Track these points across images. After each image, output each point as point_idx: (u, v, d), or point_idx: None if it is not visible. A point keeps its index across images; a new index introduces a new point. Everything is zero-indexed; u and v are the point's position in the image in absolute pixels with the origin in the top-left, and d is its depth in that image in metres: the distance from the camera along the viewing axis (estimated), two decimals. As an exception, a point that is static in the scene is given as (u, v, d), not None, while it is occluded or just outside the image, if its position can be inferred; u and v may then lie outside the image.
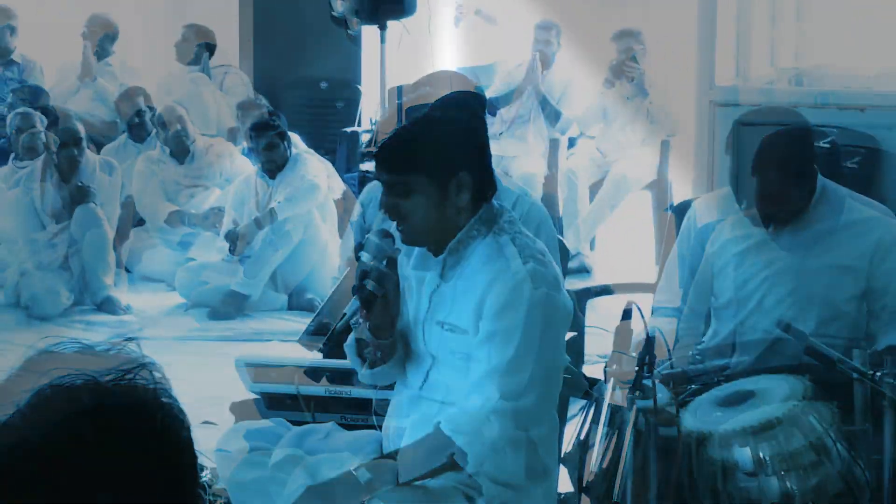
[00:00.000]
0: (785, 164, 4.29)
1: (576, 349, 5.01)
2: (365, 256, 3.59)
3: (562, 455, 4.19)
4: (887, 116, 7.26)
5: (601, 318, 5.68)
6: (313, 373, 4.53)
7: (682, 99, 9.09)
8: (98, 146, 9.35)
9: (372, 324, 3.63)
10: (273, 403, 4.55)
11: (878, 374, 3.87)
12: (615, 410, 4.15)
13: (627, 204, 9.63)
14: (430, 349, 3.62)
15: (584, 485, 4.13)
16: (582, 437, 4.07)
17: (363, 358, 3.73)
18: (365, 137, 9.47)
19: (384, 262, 3.62)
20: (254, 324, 7.91)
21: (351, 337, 3.76)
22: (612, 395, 3.88)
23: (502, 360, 3.42)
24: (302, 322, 7.03)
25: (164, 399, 1.49)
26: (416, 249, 3.66)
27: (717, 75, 7.60)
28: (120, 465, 1.44)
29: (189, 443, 1.51)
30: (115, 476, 1.44)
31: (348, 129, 9.93)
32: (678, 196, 8.77)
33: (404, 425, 3.64)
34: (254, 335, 7.53)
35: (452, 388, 3.54)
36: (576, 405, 4.54)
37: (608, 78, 9.70)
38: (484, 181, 3.59)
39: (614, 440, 4.04)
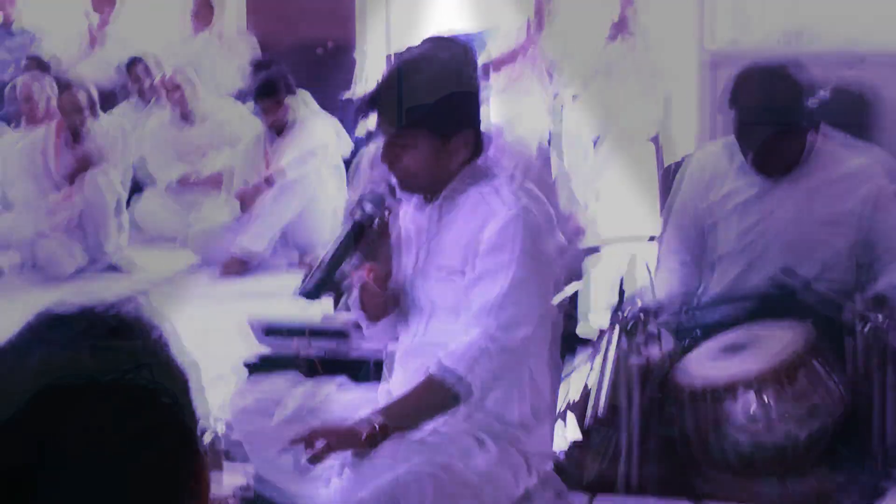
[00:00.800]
0: (768, 106, 4.33)
1: (580, 300, 5.11)
2: (367, 206, 3.60)
3: (570, 403, 4.30)
4: (883, 71, 7.32)
5: (607, 270, 5.75)
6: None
7: (683, 55, 9.17)
8: (107, 110, 9.43)
9: (371, 262, 3.66)
10: (270, 333, 4.63)
11: (881, 317, 3.96)
12: (600, 334, 4.24)
13: (631, 157, 9.70)
14: (429, 296, 3.66)
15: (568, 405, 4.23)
16: (589, 384, 4.16)
17: (367, 312, 3.80)
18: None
19: (386, 212, 3.63)
20: (265, 282, 7.99)
21: (355, 291, 3.80)
22: (619, 342, 3.97)
23: (496, 295, 3.46)
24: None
25: (163, 399, 1.47)
26: (413, 199, 3.71)
27: (717, 34, 7.67)
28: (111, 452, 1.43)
29: (178, 444, 1.49)
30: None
31: (343, 96, 9.99)
32: (681, 149, 8.84)
33: (410, 373, 3.68)
34: (265, 293, 7.60)
35: (452, 332, 3.56)
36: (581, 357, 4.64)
37: (610, 33, 9.76)
38: (481, 136, 3.65)
39: (596, 361, 4.12)
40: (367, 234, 3.61)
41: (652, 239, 5.39)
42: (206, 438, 1.59)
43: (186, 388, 1.50)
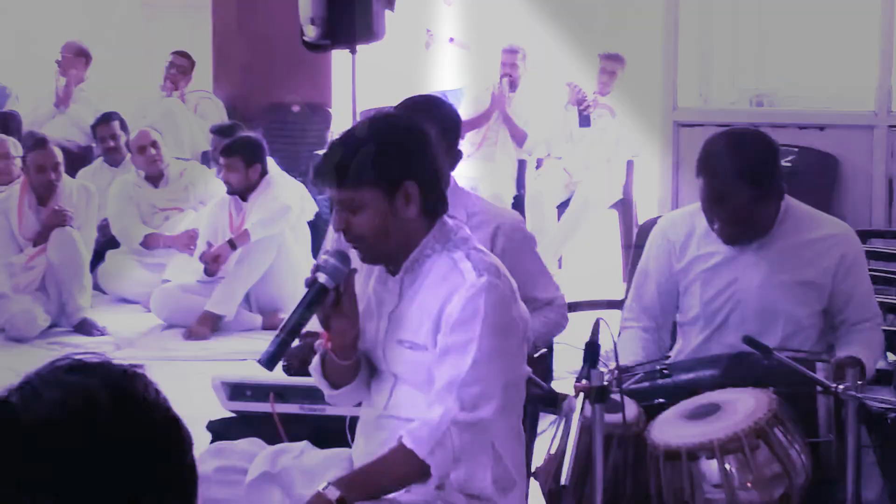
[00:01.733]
0: (736, 175, 4.32)
1: (545, 366, 5.11)
2: (321, 277, 3.57)
3: (532, 469, 4.29)
4: (846, 135, 7.39)
5: (570, 335, 5.77)
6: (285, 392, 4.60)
7: (646, 120, 9.24)
8: (74, 171, 9.43)
9: (330, 330, 3.66)
10: (235, 395, 4.62)
11: (840, 386, 3.97)
12: (562, 399, 4.23)
13: (594, 223, 9.75)
14: (392, 368, 3.66)
15: (532, 471, 4.22)
16: (553, 451, 4.16)
17: (328, 379, 3.77)
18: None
19: (342, 282, 3.60)
20: (229, 343, 7.98)
21: (316, 358, 3.79)
22: (582, 409, 3.97)
23: (460, 372, 3.46)
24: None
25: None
26: (375, 270, 3.70)
27: (679, 97, 7.72)
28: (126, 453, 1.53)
29: (182, 425, 1.60)
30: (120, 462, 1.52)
31: (319, 152, 10.02)
32: (643, 215, 8.89)
33: (372, 444, 3.68)
34: (229, 355, 7.59)
35: (416, 405, 3.57)
36: (546, 420, 4.63)
37: (569, 101, 9.85)
38: (433, 194, 3.59)
39: (562, 426, 4.12)
40: (324, 303, 3.60)
41: (615, 304, 5.41)
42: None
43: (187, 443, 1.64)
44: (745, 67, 8.36)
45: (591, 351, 3.81)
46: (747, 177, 4.33)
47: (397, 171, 3.52)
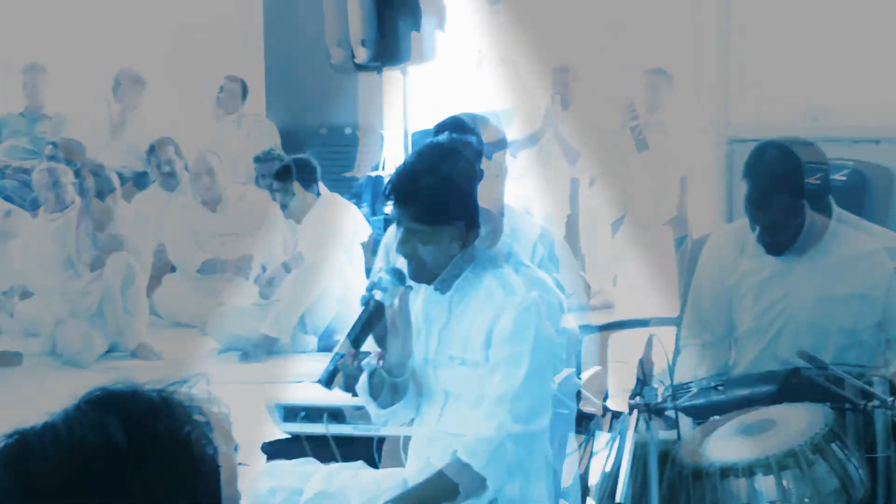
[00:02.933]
0: (780, 181, 4.33)
1: (598, 383, 5.10)
2: (378, 294, 3.65)
3: (590, 488, 4.28)
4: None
5: (626, 353, 5.75)
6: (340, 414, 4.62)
7: (699, 136, 9.20)
8: (129, 197, 9.50)
9: (385, 347, 3.69)
10: (289, 416, 4.65)
11: (897, 400, 3.94)
12: (615, 416, 4.23)
13: (648, 240, 9.71)
14: (443, 385, 3.70)
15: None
16: (608, 469, 4.14)
17: (375, 398, 3.79)
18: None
19: (397, 300, 3.68)
20: (284, 366, 8.00)
21: (363, 377, 3.82)
22: (636, 426, 3.95)
23: (513, 385, 3.51)
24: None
25: (196, 416, 1.55)
26: (423, 288, 3.74)
27: (732, 112, 7.70)
28: (142, 471, 1.50)
29: (212, 461, 1.55)
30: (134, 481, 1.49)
31: (373, 174, 10.06)
32: (697, 231, 8.85)
33: (425, 462, 3.70)
34: (284, 377, 7.61)
35: (467, 421, 3.61)
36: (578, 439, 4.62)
37: (623, 120, 9.84)
38: (474, 231, 3.71)
39: (615, 445, 4.11)
40: (378, 321, 3.64)
41: (670, 321, 5.38)
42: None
43: (214, 478, 1.55)
44: (799, 81, 8.30)
45: (646, 368, 3.80)
46: (787, 184, 4.31)
47: (455, 212, 3.64)
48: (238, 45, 11.65)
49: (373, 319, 3.64)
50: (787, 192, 4.32)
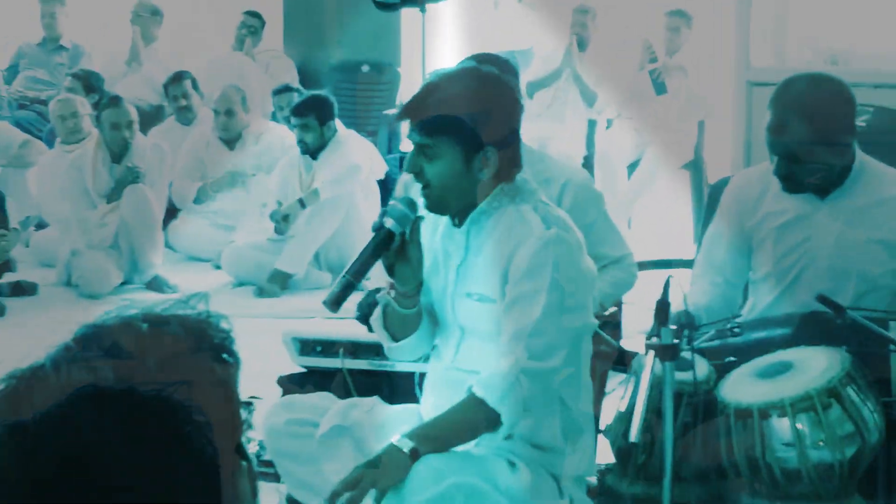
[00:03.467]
0: (806, 111, 4.30)
1: (614, 324, 5.10)
2: (388, 222, 3.59)
3: (603, 427, 4.29)
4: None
5: (640, 294, 5.75)
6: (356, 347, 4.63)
7: (718, 80, 9.16)
8: (146, 130, 9.50)
9: (394, 278, 3.67)
10: (305, 350, 4.65)
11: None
12: (631, 356, 4.23)
13: (665, 183, 9.69)
14: (460, 321, 3.67)
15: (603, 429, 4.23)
16: (623, 409, 4.15)
17: (389, 330, 3.78)
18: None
19: (408, 229, 3.63)
20: (298, 301, 8.01)
21: (377, 309, 3.80)
22: (653, 367, 3.95)
23: (529, 322, 3.47)
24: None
25: (196, 417, 1.47)
26: (442, 223, 3.71)
27: (753, 56, 7.65)
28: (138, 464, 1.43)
29: (212, 460, 1.48)
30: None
31: (389, 111, 10.04)
32: (714, 175, 8.82)
33: (441, 398, 3.70)
34: (298, 312, 7.62)
35: (484, 357, 3.59)
36: (615, 379, 4.63)
37: (641, 62, 9.80)
38: (510, 161, 3.63)
39: (631, 384, 4.11)
40: (389, 248, 3.62)
41: (686, 264, 5.38)
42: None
43: (214, 474, 1.48)
44: (820, 25, 8.24)
45: (662, 309, 3.79)
46: (803, 112, 4.27)
47: (481, 135, 3.55)
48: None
49: (381, 246, 3.61)
50: (807, 122, 4.27)
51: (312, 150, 8.43)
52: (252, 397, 5.14)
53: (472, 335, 3.66)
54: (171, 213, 9.31)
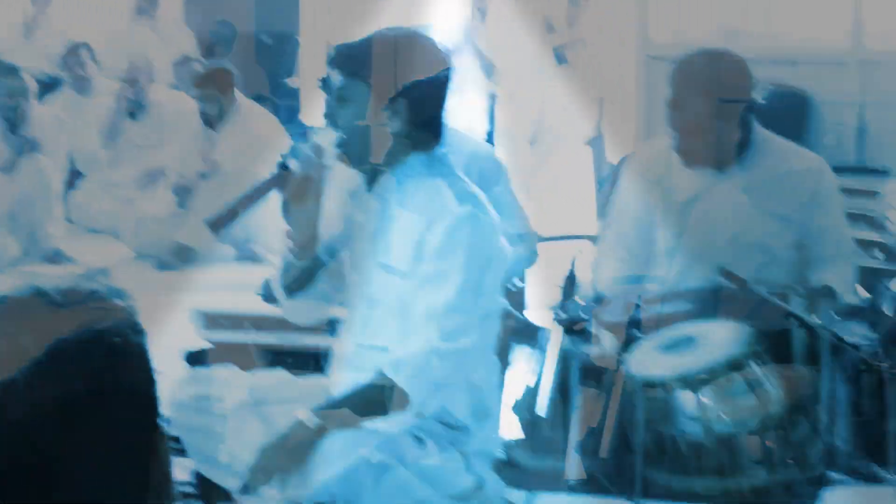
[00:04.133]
0: (704, 85, 4.36)
1: (519, 299, 5.13)
2: (288, 159, 3.60)
3: (509, 403, 4.31)
4: (816, 70, 7.40)
5: (544, 268, 5.78)
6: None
7: (618, 54, 9.21)
8: (42, 99, 9.36)
9: (289, 220, 3.65)
10: (211, 324, 4.63)
11: (815, 318, 4.01)
12: (536, 330, 4.26)
13: (566, 158, 9.72)
14: (369, 291, 3.65)
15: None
16: (531, 384, 4.17)
17: (287, 289, 3.77)
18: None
19: (310, 172, 3.62)
20: (201, 275, 7.95)
21: (280, 267, 3.79)
22: (558, 342, 3.99)
23: (441, 301, 3.46)
24: (248, 272, 7.12)
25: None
26: (354, 191, 3.70)
27: (652, 32, 7.71)
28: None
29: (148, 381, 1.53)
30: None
31: (289, 81, 10.00)
32: (614, 150, 8.88)
33: (349, 373, 3.67)
34: (201, 286, 7.57)
35: (392, 331, 3.57)
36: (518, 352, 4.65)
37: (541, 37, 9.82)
38: (427, 126, 3.63)
39: (541, 359, 4.14)
40: (286, 187, 3.59)
41: (589, 238, 5.42)
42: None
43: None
44: (718, 1, 8.34)
45: (570, 283, 3.83)
46: (701, 86, 4.33)
47: (392, 84, 3.54)
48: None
49: (276, 181, 3.58)
50: (703, 97, 4.33)
51: (213, 122, 8.35)
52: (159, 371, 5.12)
53: (381, 308, 3.64)
54: (69, 184, 9.18)
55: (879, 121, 7.55)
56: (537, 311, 5.46)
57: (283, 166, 3.58)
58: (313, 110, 9.19)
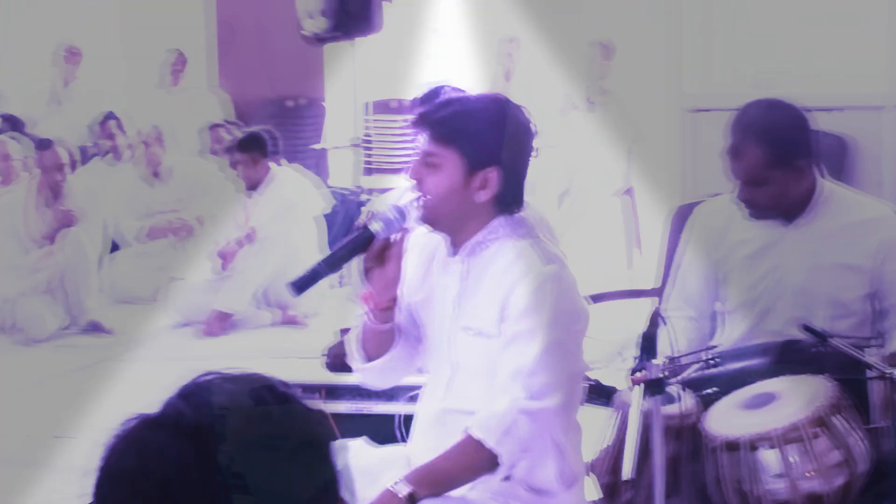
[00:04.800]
0: (764, 134, 4.33)
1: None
2: (372, 223, 3.55)
3: (590, 463, 4.25)
4: (854, 115, 7.38)
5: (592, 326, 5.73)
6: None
7: (646, 107, 9.20)
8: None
9: (372, 285, 3.60)
10: None
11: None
12: (612, 392, 4.20)
13: (596, 212, 9.70)
14: (454, 356, 3.62)
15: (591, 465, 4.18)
16: (610, 444, 4.11)
17: (364, 349, 3.72)
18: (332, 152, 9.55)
19: (393, 236, 3.57)
20: (243, 341, 7.92)
21: (356, 327, 3.74)
22: (639, 402, 3.92)
23: (528, 360, 3.43)
24: (289, 337, 7.07)
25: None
26: (438, 254, 3.67)
27: (685, 83, 7.69)
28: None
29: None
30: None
31: (315, 146, 10.00)
32: (644, 203, 8.86)
33: (432, 439, 3.64)
34: (249, 350, 7.55)
35: (478, 396, 3.54)
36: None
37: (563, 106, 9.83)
38: (511, 189, 3.60)
39: (618, 420, 4.08)
40: (369, 251, 3.55)
41: (637, 294, 5.37)
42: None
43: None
44: (748, 51, 8.31)
45: (648, 342, 3.77)
46: (761, 135, 4.30)
47: (486, 153, 3.50)
48: (183, 17, 11.48)
49: (360, 244, 3.54)
50: (764, 144, 4.29)
51: (249, 187, 8.35)
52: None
53: (465, 372, 3.61)
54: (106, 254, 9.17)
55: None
56: (598, 370, 5.41)
57: (366, 228, 3.54)
58: (340, 174, 9.21)
